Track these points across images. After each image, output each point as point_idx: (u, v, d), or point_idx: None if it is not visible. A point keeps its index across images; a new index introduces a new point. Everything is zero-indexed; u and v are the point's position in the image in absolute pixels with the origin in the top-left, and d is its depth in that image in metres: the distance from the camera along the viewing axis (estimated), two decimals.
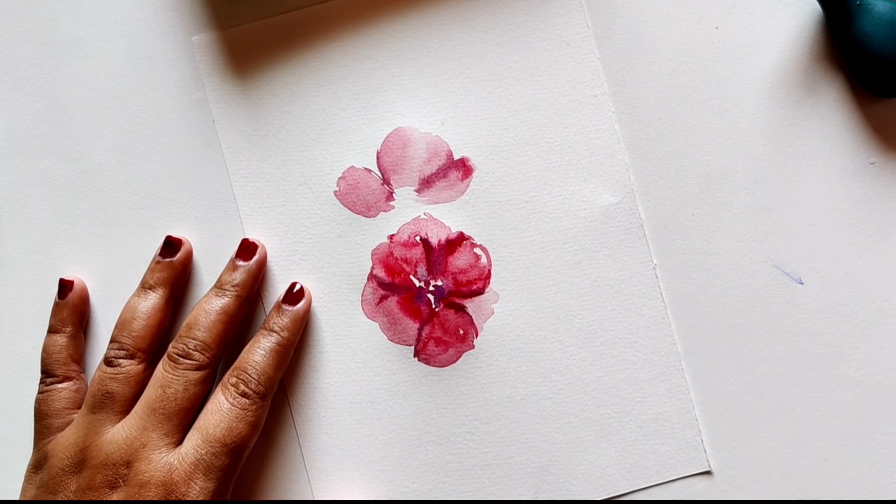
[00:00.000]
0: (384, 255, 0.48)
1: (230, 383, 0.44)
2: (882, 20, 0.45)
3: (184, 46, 0.49)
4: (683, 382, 0.47)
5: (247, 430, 0.43)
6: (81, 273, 0.49)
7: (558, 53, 0.48)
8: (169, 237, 0.48)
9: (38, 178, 0.49)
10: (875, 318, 0.47)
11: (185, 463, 0.42)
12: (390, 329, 0.48)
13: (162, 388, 0.44)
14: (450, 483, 0.47)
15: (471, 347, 0.48)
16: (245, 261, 0.47)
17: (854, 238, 0.47)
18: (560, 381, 0.47)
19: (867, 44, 0.45)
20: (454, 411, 0.48)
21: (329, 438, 0.48)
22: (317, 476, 0.48)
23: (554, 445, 0.47)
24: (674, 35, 0.48)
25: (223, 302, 0.46)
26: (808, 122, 0.47)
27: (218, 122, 0.49)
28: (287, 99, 0.49)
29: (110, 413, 0.44)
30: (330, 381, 0.48)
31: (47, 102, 0.49)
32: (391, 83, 0.49)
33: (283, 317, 0.46)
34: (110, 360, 0.45)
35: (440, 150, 0.49)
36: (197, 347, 0.44)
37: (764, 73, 0.48)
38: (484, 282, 0.48)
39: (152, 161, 0.49)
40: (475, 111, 0.48)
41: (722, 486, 0.47)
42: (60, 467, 0.43)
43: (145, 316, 0.46)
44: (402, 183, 0.48)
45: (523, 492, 0.47)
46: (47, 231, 0.49)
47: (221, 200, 0.49)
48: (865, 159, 0.47)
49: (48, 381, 0.46)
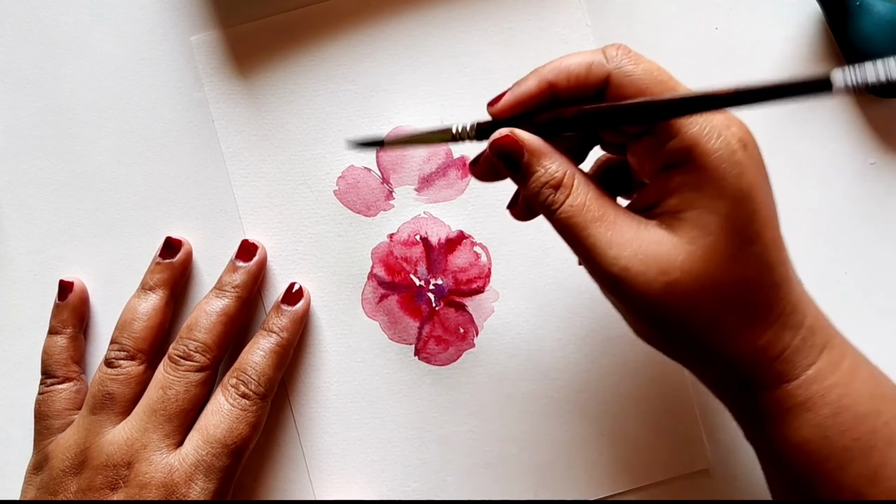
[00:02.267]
0: (384, 254, 0.48)
1: (230, 384, 0.44)
2: (882, 20, 0.45)
3: (183, 46, 0.49)
4: (684, 381, 0.47)
5: (247, 431, 0.43)
6: (81, 274, 0.49)
7: (557, 52, 0.48)
8: (169, 238, 0.47)
9: (38, 179, 0.49)
10: (875, 318, 0.47)
11: (186, 464, 0.42)
12: (390, 328, 0.48)
13: (163, 389, 0.44)
14: (451, 482, 0.47)
15: (471, 346, 0.48)
16: (245, 262, 0.47)
17: (854, 238, 0.47)
18: (560, 379, 0.47)
19: (867, 44, 0.45)
20: (454, 410, 0.48)
21: (330, 437, 0.48)
22: (318, 475, 0.48)
23: (554, 443, 0.47)
24: (674, 35, 0.48)
25: (223, 303, 0.46)
26: (808, 122, 0.48)
27: (217, 121, 0.49)
28: (286, 98, 0.49)
29: (111, 414, 0.44)
30: (330, 381, 0.48)
31: (47, 103, 0.49)
32: (390, 82, 0.49)
33: (282, 317, 0.46)
34: (111, 361, 0.45)
35: (439, 148, 0.49)
36: (198, 349, 0.44)
37: (764, 73, 0.48)
38: (484, 280, 0.48)
39: (152, 161, 0.49)
40: (474, 110, 0.48)
41: (721, 485, 0.47)
42: (61, 468, 0.43)
43: (145, 317, 0.46)
44: (401, 182, 0.48)
45: (524, 490, 0.47)
46: (47, 231, 0.49)
47: (221, 200, 0.49)
48: (865, 159, 0.47)
49: (48, 381, 0.46)
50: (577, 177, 0.34)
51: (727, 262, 0.32)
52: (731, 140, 0.32)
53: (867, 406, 0.32)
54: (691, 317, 0.33)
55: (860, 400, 0.32)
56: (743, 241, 0.32)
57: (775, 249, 0.33)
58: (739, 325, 0.33)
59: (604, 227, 0.33)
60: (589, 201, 0.34)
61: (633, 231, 0.33)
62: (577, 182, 0.34)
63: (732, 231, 0.32)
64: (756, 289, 0.33)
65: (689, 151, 0.32)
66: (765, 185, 0.33)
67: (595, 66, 0.34)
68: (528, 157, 0.34)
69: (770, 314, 0.33)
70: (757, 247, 0.32)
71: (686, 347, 0.35)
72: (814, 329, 0.33)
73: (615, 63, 0.34)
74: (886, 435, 0.32)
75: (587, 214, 0.33)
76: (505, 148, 0.35)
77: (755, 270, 0.33)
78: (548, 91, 0.35)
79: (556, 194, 0.34)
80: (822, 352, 0.33)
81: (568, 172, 0.34)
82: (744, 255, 0.32)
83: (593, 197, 0.34)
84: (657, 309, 0.33)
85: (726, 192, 0.32)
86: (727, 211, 0.32)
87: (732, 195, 0.32)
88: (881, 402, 0.33)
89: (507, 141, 0.35)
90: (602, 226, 0.33)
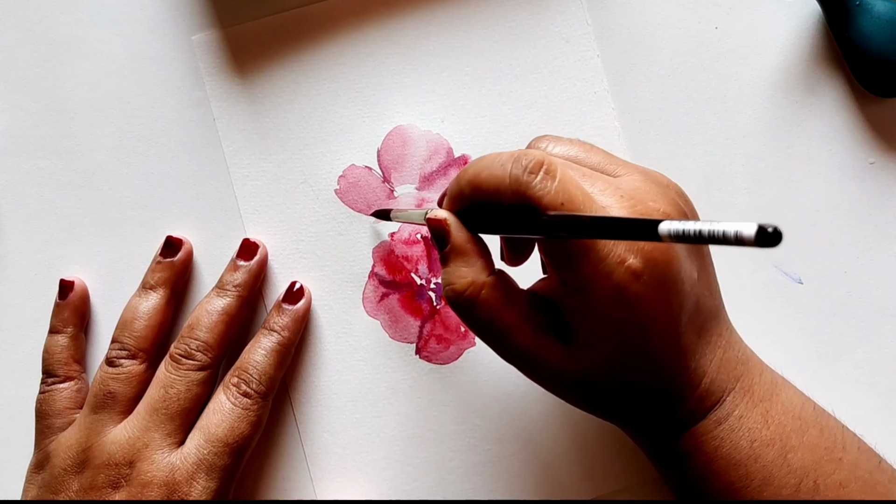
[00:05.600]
0: (385, 252, 0.48)
1: (231, 383, 0.44)
2: (882, 20, 0.45)
3: (184, 46, 0.49)
4: None
5: (248, 430, 0.44)
6: (82, 273, 0.49)
7: (558, 50, 0.48)
8: (169, 237, 0.47)
9: (38, 178, 0.49)
10: (875, 318, 0.47)
11: (188, 463, 0.42)
12: (392, 327, 0.48)
13: (164, 388, 0.44)
14: (452, 480, 0.47)
15: (472, 345, 0.48)
16: (246, 261, 0.47)
17: (854, 238, 0.47)
18: None
19: (867, 44, 0.45)
20: (456, 408, 0.48)
21: (331, 436, 0.48)
22: (319, 474, 0.48)
23: (556, 442, 0.47)
24: (674, 35, 0.48)
25: (225, 302, 0.46)
26: (808, 122, 0.48)
27: (218, 120, 0.49)
28: (287, 97, 0.49)
29: (112, 413, 0.44)
30: (331, 380, 0.48)
31: (48, 102, 0.49)
32: (391, 81, 0.49)
33: (283, 316, 0.46)
34: (112, 361, 0.45)
35: (440, 147, 0.49)
36: (199, 348, 0.44)
37: (764, 73, 0.48)
38: None
39: (152, 161, 0.49)
40: (475, 109, 0.48)
41: None
42: (62, 467, 0.43)
43: (146, 316, 0.46)
44: (402, 181, 0.48)
45: (525, 488, 0.47)
46: (47, 231, 0.49)
47: (222, 199, 0.49)
48: (865, 159, 0.47)
49: (49, 381, 0.46)
50: (485, 290, 0.36)
51: (616, 375, 0.36)
52: (622, 278, 0.33)
53: (744, 453, 0.36)
54: (590, 400, 0.38)
55: (737, 448, 0.36)
56: (633, 361, 0.35)
57: (669, 355, 0.36)
58: (633, 406, 0.37)
59: (502, 334, 0.36)
60: (488, 314, 0.36)
61: (530, 339, 0.36)
62: (483, 294, 0.36)
63: (621, 355, 0.35)
64: (645, 384, 0.36)
65: (582, 289, 0.34)
66: (664, 304, 0.34)
67: (501, 191, 0.35)
68: (448, 250, 0.37)
69: (661, 396, 0.37)
70: (648, 361, 0.35)
71: (596, 415, 0.39)
72: (703, 396, 0.37)
73: (521, 190, 0.34)
74: (762, 476, 0.36)
75: (486, 321, 0.36)
76: (433, 229, 0.38)
77: (644, 377, 0.36)
78: (468, 200, 0.37)
79: (456, 297, 0.36)
80: (708, 412, 0.37)
81: (471, 288, 0.36)
82: (633, 371, 0.36)
83: (493, 309, 0.36)
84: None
85: (615, 328, 0.34)
86: (616, 344, 0.35)
87: (622, 331, 0.34)
88: (763, 448, 0.36)
89: (436, 225, 0.37)
90: (499, 333, 0.36)
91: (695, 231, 0.26)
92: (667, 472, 0.40)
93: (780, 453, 0.36)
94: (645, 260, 0.33)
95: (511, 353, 0.37)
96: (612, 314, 0.34)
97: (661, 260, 0.33)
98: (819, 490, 0.36)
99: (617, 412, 0.38)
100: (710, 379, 0.37)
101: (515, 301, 0.36)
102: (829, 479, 0.36)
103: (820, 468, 0.36)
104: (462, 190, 0.37)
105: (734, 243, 0.24)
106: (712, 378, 0.37)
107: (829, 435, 0.38)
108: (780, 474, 0.36)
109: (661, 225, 0.27)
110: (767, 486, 0.36)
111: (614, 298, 0.33)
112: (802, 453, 0.36)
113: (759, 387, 0.38)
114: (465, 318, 0.37)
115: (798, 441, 0.37)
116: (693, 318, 0.36)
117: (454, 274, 0.36)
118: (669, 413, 0.37)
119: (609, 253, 0.33)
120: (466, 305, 0.36)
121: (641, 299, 0.33)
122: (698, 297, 0.36)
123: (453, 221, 0.37)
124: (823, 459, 0.37)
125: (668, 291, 0.34)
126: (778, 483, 0.36)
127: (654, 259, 0.33)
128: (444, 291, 0.37)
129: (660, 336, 0.35)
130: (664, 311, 0.34)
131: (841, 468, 0.37)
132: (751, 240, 0.24)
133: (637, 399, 0.37)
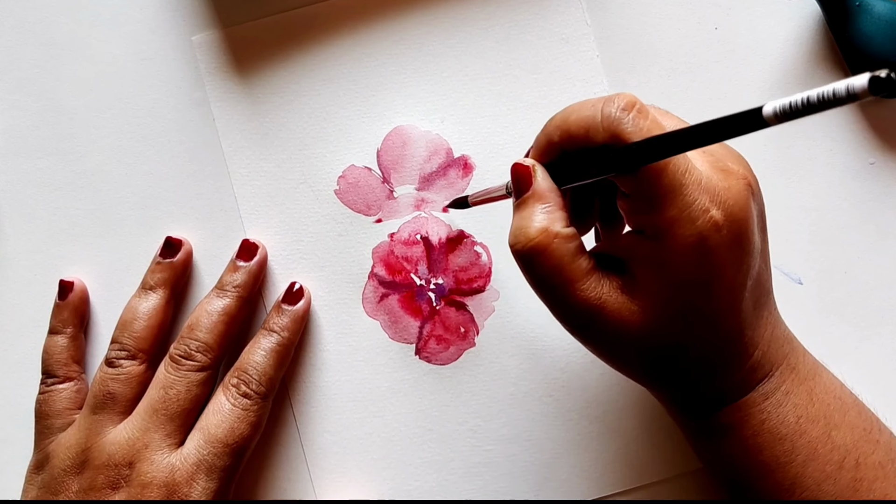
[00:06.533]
0: (385, 253, 0.48)
1: (231, 384, 0.44)
2: (882, 20, 0.45)
3: (184, 46, 0.49)
4: None
5: (248, 431, 0.44)
6: (81, 273, 0.49)
7: (557, 51, 0.48)
8: (169, 238, 0.47)
9: (38, 179, 0.49)
10: (875, 318, 0.47)
11: (188, 463, 0.42)
12: (391, 327, 0.48)
13: (164, 389, 0.44)
14: (452, 481, 0.47)
15: (472, 345, 0.48)
16: (246, 261, 0.47)
17: (854, 238, 0.47)
18: (561, 378, 0.48)
19: (867, 44, 0.45)
20: (456, 409, 0.48)
21: (331, 437, 0.48)
22: (319, 474, 0.48)
23: (556, 443, 0.47)
24: (674, 35, 0.48)
25: (224, 303, 0.46)
26: (808, 122, 0.48)
27: (218, 121, 0.49)
28: (287, 98, 0.49)
29: (112, 414, 0.44)
30: (331, 380, 0.48)
31: (47, 103, 0.49)
32: (391, 82, 0.49)
33: (282, 317, 0.46)
34: (111, 361, 0.45)
35: (440, 148, 0.49)
36: (199, 349, 0.44)
37: (764, 73, 0.48)
38: (485, 279, 0.48)
39: (152, 161, 0.49)
40: (475, 109, 0.49)
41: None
42: (62, 468, 0.43)
43: (146, 316, 0.46)
44: (402, 181, 0.48)
45: (525, 489, 0.47)
46: (47, 231, 0.49)
47: (222, 200, 0.49)
48: (865, 159, 0.47)
49: (49, 381, 0.46)
50: (558, 239, 0.35)
51: (676, 332, 0.35)
52: (704, 227, 0.33)
53: (790, 428, 0.37)
54: (642, 361, 0.37)
55: (784, 422, 0.37)
56: (695, 318, 0.35)
57: (730, 316, 0.36)
58: (684, 369, 0.37)
59: (566, 286, 0.36)
60: (557, 264, 0.35)
61: (594, 294, 0.35)
62: (556, 244, 0.35)
63: (684, 310, 0.35)
64: (702, 346, 0.36)
65: (662, 233, 0.34)
66: (736, 262, 0.34)
67: (592, 131, 0.34)
68: (529, 195, 0.36)
69: (714, 360, 0.36)
70: (708, 318, 0.35)
71: (644, 380, 0.39)
72: (755, 367, 0.37)
73: (613, 127, 0.34)
74: (807, 452, 0.36)
75: (552, 272, 0.36)
76: (516, 174, 0.37)
77: (703, 335, 0.36)
78: (557, 149, 0.36)
79: (526, 241, 0.36)
80: (757, 384, 0.37)
81: (543, 234, 0.35)
82: (693, 327, 0.35)
83: (564, 261, 0.36)
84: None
85: (687, 278, 0.34)
86: (682, 295, 0.35)
87: (693, 282, 0.34)
88: (808, 424, 0.37)
89: (521, 170, 0.37)
90: (564, 286, 0.36)
91: (802, 101, 0.24)
92: (703, 444, 0.40)
93: (825, 430, 0.37)
94: (726, 214, 0.33)
95: (570, 309, 0.36)
96: (687, 261, 0.34)
97: (741, 217, 0.34)
98: (860, 468, 0.36)
99: (667, 376, 0.37)
100: (762, 352, 0.37)
101: (585, 256, 0.36)
102: (868, 458, 0.37)
103: (860, 448, 0.37)
104: (550, 136, 0.36)
105: (847, 100, 0.23)
106: (763, 351, 0.37)
107: (867, 417, 0.38)
108: (825, 451, 0.36)
109: (765, 107, 0.26)
110: (812, 461, 0.36)
111: (693, 246, 0.33)
112: (844, 432, 0.37)
113: (804, 366, 0.38)
114: (528, 268, 0.36)
115: (840, 420, 0.37)
116: (753, 289, 0.36)
117: (529, 219, 0.36)
118: (718, 380, 0.37)
119: (695, 200, 0.33)
120: (534, 253, 0.35)
121: (718, 250, 0.33)
122: (760, 270, 0.36)
123: (539, 168, 0.37)
124: (863, 440, 0.37)
125: (742, 251, 0.34)
126: (822, 459, 0.36)
127: (734, 215, 0.34)
128: (513, 237, 0.36)
129: (726, 293, 0.35)
130: (736, 267, 0.34)
131: (878, 449, 0.37)
132: (864, 91, 0.22)
133: (690, 362, 0.36)
